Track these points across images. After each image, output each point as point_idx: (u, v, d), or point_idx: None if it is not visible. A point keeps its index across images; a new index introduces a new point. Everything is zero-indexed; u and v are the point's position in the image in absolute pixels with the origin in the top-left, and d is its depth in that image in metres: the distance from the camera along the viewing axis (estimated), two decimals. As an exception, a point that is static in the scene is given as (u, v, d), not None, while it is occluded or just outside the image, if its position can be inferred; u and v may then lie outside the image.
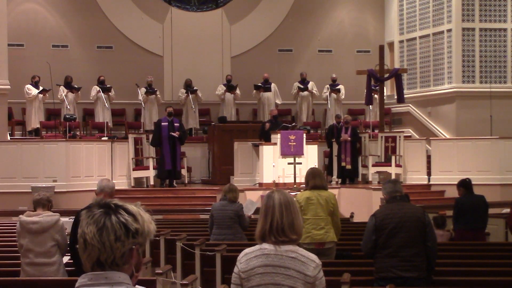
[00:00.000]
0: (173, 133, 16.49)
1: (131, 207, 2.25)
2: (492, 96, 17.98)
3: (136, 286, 2.30)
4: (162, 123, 16.65)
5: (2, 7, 16.41)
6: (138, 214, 2.24)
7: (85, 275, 2.20)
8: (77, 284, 2.20)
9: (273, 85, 20.07)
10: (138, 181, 16.81)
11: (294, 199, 3.94)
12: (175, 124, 16.72)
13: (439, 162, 16.59)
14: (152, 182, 16.65)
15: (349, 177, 16.98)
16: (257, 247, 3.67)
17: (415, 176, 16.81)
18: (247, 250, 3.70)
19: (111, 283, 2.17)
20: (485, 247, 8.71)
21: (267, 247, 3.62)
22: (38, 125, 18.42)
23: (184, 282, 6.59)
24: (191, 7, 21.39)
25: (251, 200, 10.28)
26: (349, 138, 16.80)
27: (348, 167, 16.78)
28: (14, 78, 17.21)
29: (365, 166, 17.26)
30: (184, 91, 19.76)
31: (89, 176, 15.24)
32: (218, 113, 19.87)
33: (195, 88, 19.67)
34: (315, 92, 20.16)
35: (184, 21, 20.91)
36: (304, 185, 8.78)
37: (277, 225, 3.61)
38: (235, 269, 3.68)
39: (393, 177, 15.93)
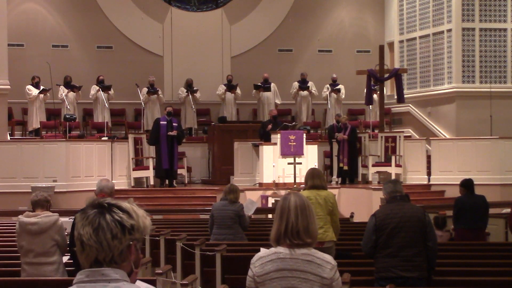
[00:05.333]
0: (170, 132, 16.48)
1: (124, 204, 2.26)
2: (492, 96, 17.96)
3: (137, 281, 2.30)
4: (161, 122, 16.65)
5: (2, 7, 16.41)
6: (132, 210, 2.26)
7: (83, 271, 2.21)
8: (74, 281, 2.21)
9: (273, 85, 20.06)
10: (138, 181, 16.81)
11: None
12: (174, 124, 16.72)
13: (439, 162, 16.58)
14: (152, 182, 16.65)
15: (348, 177, 16.96)
16: (272, 250, 3.65)
17: (415, 176, 16.80)
18: (261, 253, 3.67)
19: (108, 279, 2.18)
20: (485, 247, 8.71)
21: (282, 251, 3.61)
22: (39, 125, 18.43)
23: (184, 282, 6.58)
24: (191, 7, 21.38)
25: (251, 200, 10.26)
26: (345, 137, 16.76)
27: (345, 168, 16.76)
28: (14, 78, 17.22)
29: (365, 166, 17.25)
30: (184, 90, 19.75)
31: (89, 176, 15.22)
32: (218, 113, 19.87)
33: (195, 88, 19.68)
34: (314, 92, 20.16)
35: (184, 21, 20.91)
36: (304, 185, 8.78)
37: (292, 228, 3.60)
38: (249, 273, 3.67)
39: (393, 177, 15.94)
